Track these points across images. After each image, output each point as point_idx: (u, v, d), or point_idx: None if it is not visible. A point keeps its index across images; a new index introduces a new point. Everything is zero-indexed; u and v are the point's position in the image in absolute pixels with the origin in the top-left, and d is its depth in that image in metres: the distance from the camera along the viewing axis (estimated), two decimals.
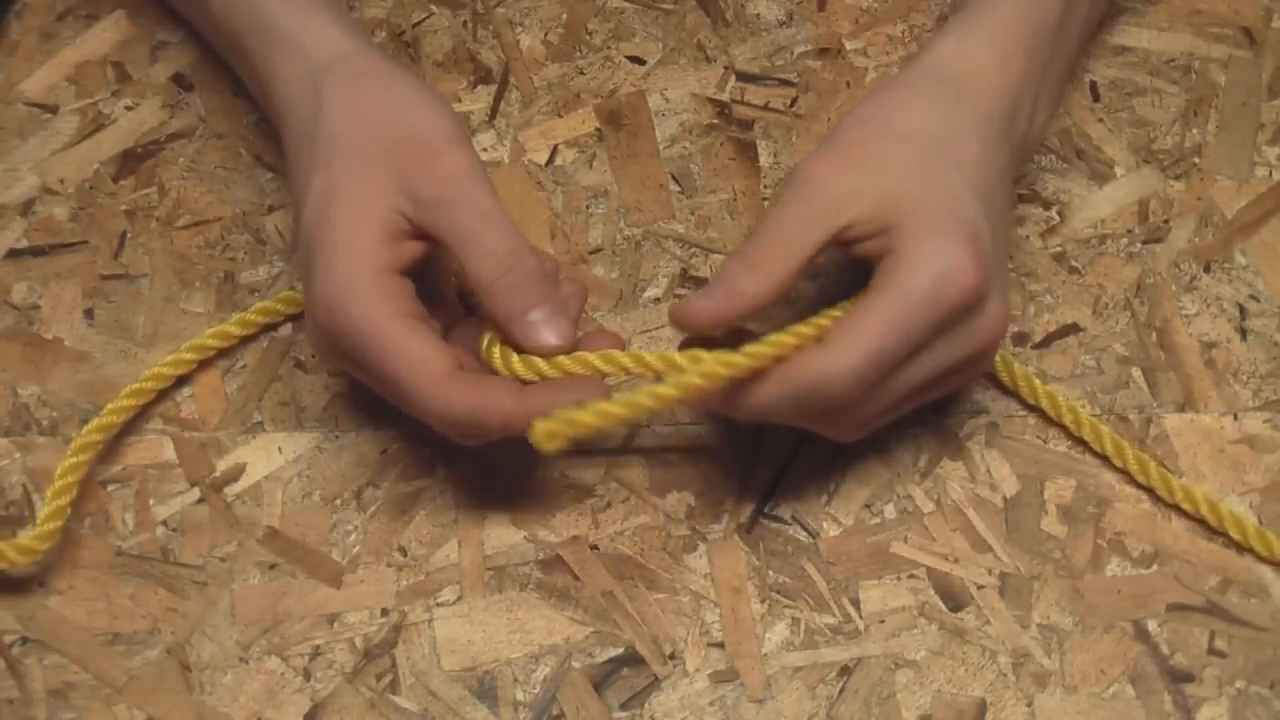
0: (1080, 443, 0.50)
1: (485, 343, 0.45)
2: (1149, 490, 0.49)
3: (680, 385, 0.42)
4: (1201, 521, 0.49)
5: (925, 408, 0.51)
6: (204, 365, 0.52)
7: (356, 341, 0.43)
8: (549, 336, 0.44)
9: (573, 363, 0.45)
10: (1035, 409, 0.51)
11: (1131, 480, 0.50)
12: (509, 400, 0.43)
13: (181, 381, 0.51)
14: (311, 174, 0.45)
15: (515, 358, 0.45)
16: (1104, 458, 0.50)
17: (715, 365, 0.42)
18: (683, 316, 0.44)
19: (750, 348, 0.42)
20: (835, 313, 0.44)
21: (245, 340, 0.52)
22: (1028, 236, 0.55)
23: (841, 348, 0.42)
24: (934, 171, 0.44)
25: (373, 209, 0.44)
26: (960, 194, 0.44)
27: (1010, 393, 0.51)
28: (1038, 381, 0.50)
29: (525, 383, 0.45)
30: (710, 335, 0.45)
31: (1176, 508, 0.49)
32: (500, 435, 0.44)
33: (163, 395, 0.51)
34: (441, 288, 0.48)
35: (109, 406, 0.49)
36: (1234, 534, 0.48)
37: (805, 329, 0.43)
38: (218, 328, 0.51)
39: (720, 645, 0.47)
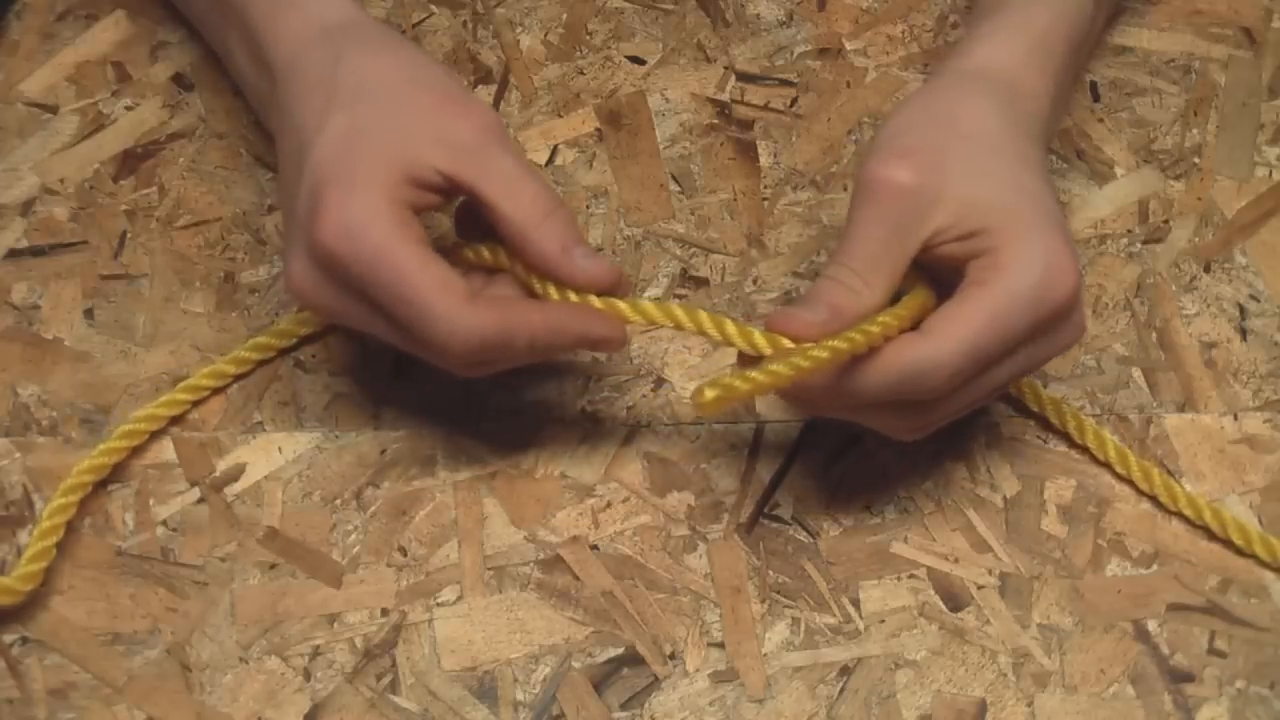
0: (1083, 450, 0.50)
1: (552, 290, 0.45)
2: (1152, 498, 0.49)
3: (811, 358, 0.41)
4: (1204, 529, 0.49)
5: None
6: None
7: (372, 267, 0.42)
8: (599, 267, 0.44)
9: (659, 312, 0.45)
10: (1038, 416, 0.51)
11: (1132, 481, 0.50)
12: (535, 315, 0.43)
13: (176, 421, 0.51)
14: (329, 116, 0.44)
15: (594, 298, 0.45)
16: (1106, 465, 0.50)
17: (837, 341, 0.42)
18: (785, 327, 0.43)
19: (865, 327, 0.42)
20: (913, 301, 0.44)
21: (239, 378, 0.52)
22: None
23: (943, 337, 0.41)
24: (1010, 170, 0.44)
25: (401, 151, 0.44)
26: (1040, 191, 0.44)
27: (1012, 399, 0.51)
28: (1041, 388, 0.50)
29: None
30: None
31: (1180, 515, 0.49)
32: (523, 357, 0.44)
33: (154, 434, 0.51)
34: None
35: (101, 448, 0.49)
36: (1238, 540, 0.48)
37: (902, 311, 0.43)
38: (211, 368, 0.51)
39: (720, 645, 0.47)
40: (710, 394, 0.41)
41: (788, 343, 0.43)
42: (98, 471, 0.49)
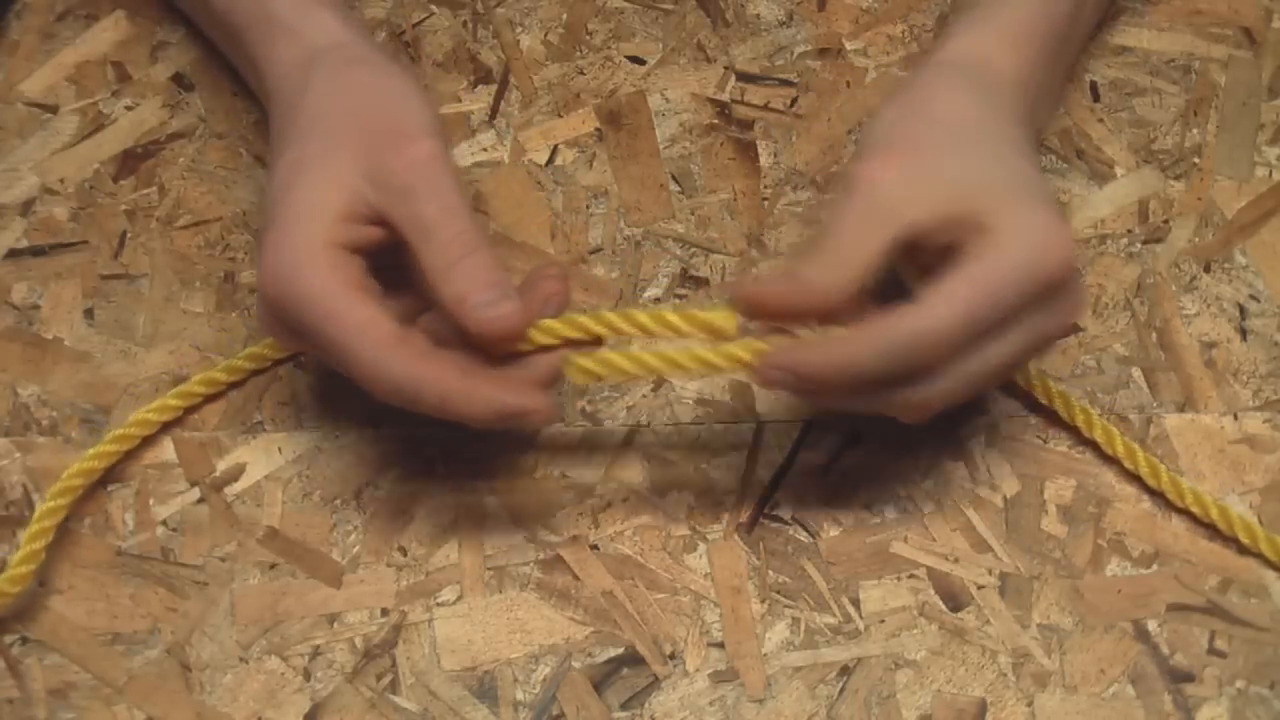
0: (1090, 445, 0.50)
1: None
2: (1159, 494, 0.49)
3: (724, 355, 0.42)
4: (1211, 526, 0.49)
5: None
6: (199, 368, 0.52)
7: (302, 309, 0.42)
8: (491, 320, 0.42)
9: (564, 325, 0.44)
10: (1045, 410, 0.51)
11: (1134, 480, 0.50)
12: (453, 377, 0.42)
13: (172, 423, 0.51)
14: (285, 150, 0.45)
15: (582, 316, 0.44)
16: (1115, 461, 0.50)
17: (739, 349, 0.42)
18: (750, 295, 0.42)
19: (769, 339, 0.42)
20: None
21: (233, 386, 0.52)
22: None
23: (936, 305, 0.41)
24: (994, 153, 0.44)
25: (335, 186, 0.44)
26: (1028, 170, 0.44)
27: (1022, 392, 0.51)
28: (1051, 382, 0.50)
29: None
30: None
31: (1187, 512, 0.49)
32: (437, 414, 0.43)
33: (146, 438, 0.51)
34: (409, 274, 0.47)
35: (91, 452, 0.48)
36: (1244, 538, 0.48)
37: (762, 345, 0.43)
38: (205, 374, 0.51)
39: (720, 645, 0.47)
40: (579, 363, 0.43)
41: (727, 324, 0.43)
42: (88, 475, 0.48)
